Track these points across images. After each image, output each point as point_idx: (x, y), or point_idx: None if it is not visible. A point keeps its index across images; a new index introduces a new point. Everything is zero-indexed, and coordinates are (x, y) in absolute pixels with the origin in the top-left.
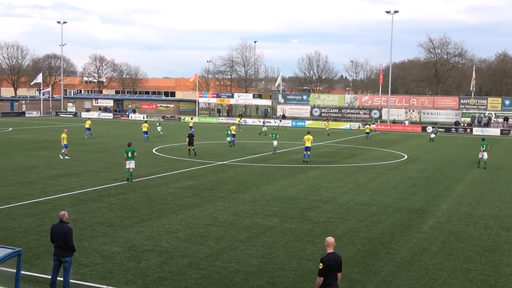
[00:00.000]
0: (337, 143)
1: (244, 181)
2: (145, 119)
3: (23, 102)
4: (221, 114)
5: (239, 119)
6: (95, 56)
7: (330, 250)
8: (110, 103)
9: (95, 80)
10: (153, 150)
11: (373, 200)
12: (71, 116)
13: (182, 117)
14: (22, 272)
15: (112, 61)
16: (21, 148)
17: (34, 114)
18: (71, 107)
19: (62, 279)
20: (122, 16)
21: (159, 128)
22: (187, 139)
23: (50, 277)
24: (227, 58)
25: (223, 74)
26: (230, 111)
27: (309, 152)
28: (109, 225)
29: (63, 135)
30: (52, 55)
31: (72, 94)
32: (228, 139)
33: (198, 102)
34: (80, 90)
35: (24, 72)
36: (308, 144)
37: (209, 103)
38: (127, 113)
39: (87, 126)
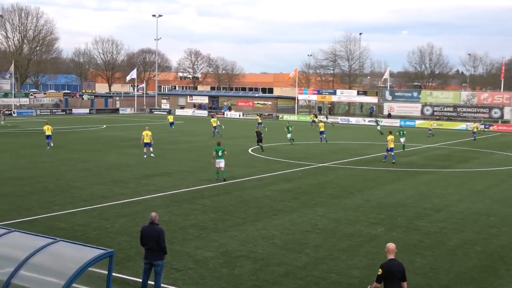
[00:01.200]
0: (451, 145)
1: (346, 185)
2: (213, 114)
3: (117, 98)
4: (322, 112)
5: (312, 116)
6: (190, 51)
7: (391, 257)
8: (205, 100)
9: (190, 76)
10: (249, 150)
11: (492, 209)
12: (165, 113)
13: (280, 115)
14: (113, 274)
15: (208, 56)
16: (114, 146)
17: (128, 111)
18: (165, 104)
19: (153, 283)
20: (220, 8)
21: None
22: (256, 136)
23: (141, 280)
24: (329, 52)
25: (325, 69)
26: (332, 109)
27: (392, 153)
28: (202, 228)
29: (145, 132)
30: (146, 49)
31: (166, 91)
32: (289, 136)
33: (297, 99)
34: (175, 86)
35: (119, 67)
36: (391, 145)
37: (309, 101)
38: (222, 110)
39: (170, 120)
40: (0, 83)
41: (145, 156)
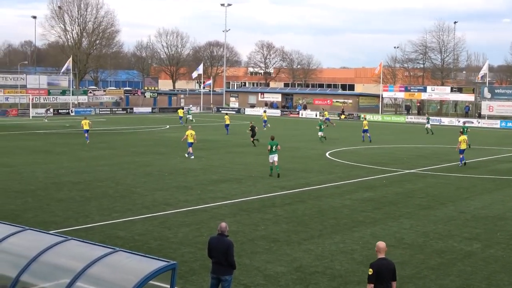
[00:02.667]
0: None
1: (437, 194)
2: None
3: (182, 96)
4: (410, 112)
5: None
6: (262, 43)
7: (381, 256)
8: (277, 98)
9: (262, 71)
10: (327, 154)
11: None
12: (234, 112)
13: (362, 115)
14: None
15: (281, 49)
16: (178, 148)
17: (194, 109)
18: (234, 102)
19: None
20: None
21: (190, 117)
22: (251, 131)
23: None
24: (419, 43)
25: (414, 63)
26: (421, 108)
27: (461, 155)
28: (274, 240)
29: (189, 132)
30: (214, 42)
31: (235, 87)
32: (320, 133)
33: (382, 97)
34: (244, 83)
35: (184, 62)
36: (463, 146)
37: (395, 99)
38: (297, 109)
39: (227, 122)
40: (58, 80)
41: (192, 156)
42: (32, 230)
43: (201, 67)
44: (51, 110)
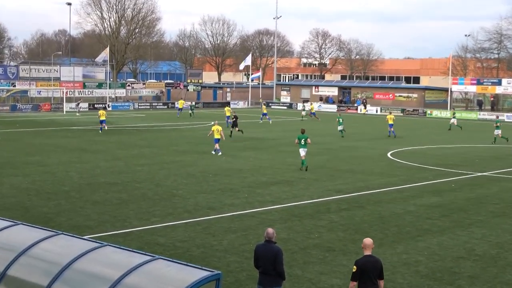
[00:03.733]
0: None
1: None
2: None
3: (228, 90)
4: (482, 108)
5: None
6: (316, 32)
7: (367, 253)
8: (334, 92)
9: (316, 62)
10: (388, 154)
11: None
12: (285, 108)
13: (429, 111)
14: None
15: (338, 38)
16: (223, 147)
17: (241, 104)
18: (285, 97)
19: None
20: None
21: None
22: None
23: None
24: (493, 31)
25: (487, 52)
26: (495, 103)
27: None
28: (328, 249)
29: (215, 128)
30: (264, 31)
31: (287, 80)
32: (340, 127)
33: (450, 91)
34: (297, 75)
35: (230, 52)
36: None
37: (466, 93)
38: (356, 104)
39: (227, 114)
40: (94, 72)
41: (219, 153)
42: (65, 235)
43: (249, 58)
44: (81, 104)
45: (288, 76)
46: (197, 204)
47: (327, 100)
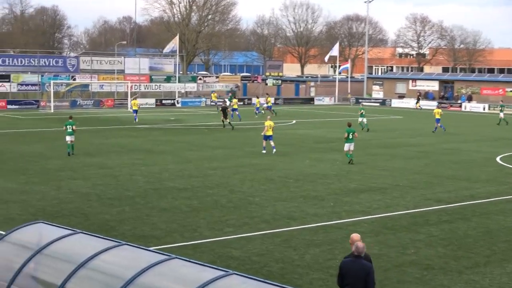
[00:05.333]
0: None
1: None
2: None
3: (312, 84)
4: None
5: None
6: (414, 17)
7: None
8: (434, 86)
9: (413, 52)
10: (497, 159)
11: None
12: (377, 104)
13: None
14: None
15: (440, 24)
16: (306, 148)
17: (326, 101)
18: (377, 92)
19: None
20: None
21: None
22: (222, 112)
23: None
24: None
25: None
26: None
27: None
28: (427, 267)
29: (268, 123)
30: (353, 16)
31: (379, 73)
32: (360, 119)
33: None
34: (391, 67)
35: (315, 41)
36: None
37: None
38: (460, 101)
39: (265, 103)
40: (161, 64)
41: (263, 151)
42: (129, 246)
43: (336, 48)
44: (136, 92)
45: (381, 69)
46: (276, 213)
47: (426, 95)
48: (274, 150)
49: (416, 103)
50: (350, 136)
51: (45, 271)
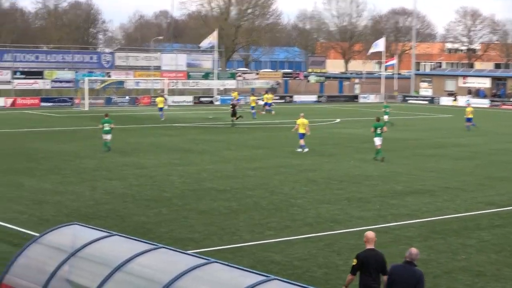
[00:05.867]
0: None
1: None
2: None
3: (356, 81)
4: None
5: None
6: (464, 10)
7: (369, 246)
8: (485, 83)
9: (463, 48)
10: None
11: None
12: (425, 102)
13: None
14: None
15: (491, 18)
16: (350, 148)
17: (371, 98)
18: (425, 89)
19: None
20: None
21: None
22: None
23: None
24: None
25: None
26: None
27: None
28: (478, 274)
29: (301, 121)
30: (400, 10)
31: (428, 69)
32: (386, 117)
33: None
34: (440, 64)
35: (360, 36)
36: None
37: None
38: None
39: (266, 101)
40: (199, 60)
41: (299, 150)
42: (166, 249)
43: (381, 42)
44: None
45: (430, 65)
46: (319, 216)
47: (477, 93)
48: (299, 150)
49: (454, 100)
50: (378, 131)
51: (80, 274)
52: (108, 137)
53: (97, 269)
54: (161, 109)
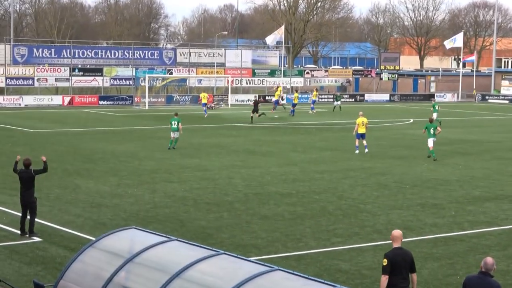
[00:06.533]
0: None
1: None
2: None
3: (432, 78)
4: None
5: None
6: None
7: (396, 245)
8: None
9: None
10: None
11: None
12: (507, 102)
13: None
14: None
15: None
16: (424, 151)
17: (448, 97)
18: (507, 88)
19: None
20: None
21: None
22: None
23: None
24: None
25: None
26: None
27: None
28: None
29: (361, 120)
30: (480, 3)
31: (510, 67)
32: (435, 116)
33: None
34: None
35: (436, 31)
36: None
37: None
38: None
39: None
40: (266, 56)
41: (357, 151)
42: (228, 255)
43: (460, 37)
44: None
45: None
46: (390, 223)
47: None
48: (366, 150)
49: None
50: (432, 132)
51: (137, 280)
52: (174, 134)
53: (155, 276)
54: (204, 104)
